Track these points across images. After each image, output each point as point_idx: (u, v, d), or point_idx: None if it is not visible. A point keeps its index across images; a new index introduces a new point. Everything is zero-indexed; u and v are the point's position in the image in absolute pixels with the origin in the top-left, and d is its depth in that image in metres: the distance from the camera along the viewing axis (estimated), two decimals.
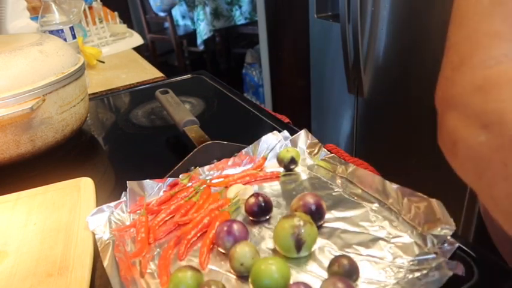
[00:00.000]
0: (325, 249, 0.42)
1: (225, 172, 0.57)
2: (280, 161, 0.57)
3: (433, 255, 0.38)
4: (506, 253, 0.55)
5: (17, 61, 0.61)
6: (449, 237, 0.39)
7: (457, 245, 0.38)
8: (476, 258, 0.38)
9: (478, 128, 0.30)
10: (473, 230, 1.20)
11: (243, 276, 0.39)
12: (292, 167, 0.56)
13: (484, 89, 0.31)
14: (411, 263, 0.39)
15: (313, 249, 0.41)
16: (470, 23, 0.34)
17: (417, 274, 0.37)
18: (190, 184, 0.54)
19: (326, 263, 0.39)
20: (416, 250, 0.40)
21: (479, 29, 0.33)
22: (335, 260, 0.38)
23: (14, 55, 0.61)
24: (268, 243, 0.44)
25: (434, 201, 0.42)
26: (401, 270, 0.38)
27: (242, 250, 0.39)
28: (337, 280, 0.35)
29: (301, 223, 0.40)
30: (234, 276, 0.40)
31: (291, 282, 0.37)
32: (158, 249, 0.44)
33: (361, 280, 0.38)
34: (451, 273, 0.35)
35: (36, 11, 1.22)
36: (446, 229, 0.39)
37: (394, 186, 0.47)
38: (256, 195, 0.47)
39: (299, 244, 0.39)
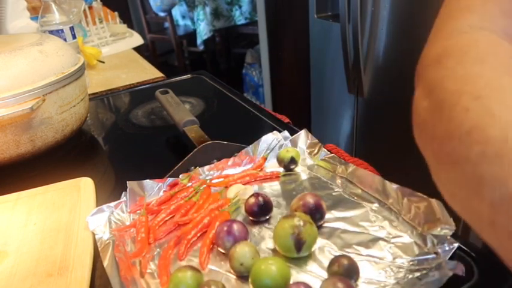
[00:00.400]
0: (325, 249, 0.42)
1: (225, 172, 0.57)
2: (280, 161, 0.57)
3: (433, 255, 0.38)
4: None
5: (17, 61, 0.61)
6: (449, 237, 0.38)
7: (456, 244, 0.38)
8: (476, 258, 0.38)
9: (424, 96, 0.31)
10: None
11: (243, 276, 0.39)
12: (292, 167, 0.56)
13: (439, 59, 0.32)
14: (411, 263, 0.39)
15: (313, 249, 0.41)
16: (450, 3, 0.36)
17: (417, 274, 0.37)
18: (190, 184, 0.54)
19: (326, 263, 0.39)
20: (416, 250, 0.40)
21: (455, 7, 0.34)
22: (335, 260, 0.38)
23: (14, 55, 0.61)
24: (268, 243, 0.44)
25: (434, 201, 0.42)
26: (401, 270, 0.38)
27: (242, 250, 0.39)
28: (337, 280, 0.35)
29: (301, 223, 0.40)
30: (234, 276, 0.40)
31: (291, 282, 0.37)
32: (158, 249, 0.44)
33: (361, 280, 0.38)
34: (451, 273, 0.35)
35: (36, 11, 1.22)
36: (446, 229, 0.39)
37: (394, 186, 0.47)
38: (256, 195, 0.47)
39: (299, 244, 0.39)
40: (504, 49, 0.30)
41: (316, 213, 0.44)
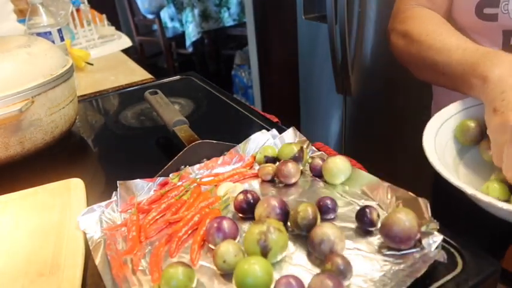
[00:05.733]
0: None
1: (215, 171, 0.58)
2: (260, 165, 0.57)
3: (418, 249, 0.39)
4: None
5: (5, 63, 0.61)
6: (434, 232, 0.40)
7: (441, 237, 0.39)
8: (460, 249, 0.40)
9: (400, 37, 0.70)
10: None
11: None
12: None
13: (404, 20, 0.69)
14: (397, 256, 0.40)
15: (280, 258, 0.40)
16: None
17: (402, 266, 0.38)
18: (180, 183, 0.55)
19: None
20: None
21: None
22: (329, 258, 0.38)
23: (2, 57, 0.61)
24: None
25: (420, 200, 0.43)
26: (388, 263, 0.39)
27: (225, 248, 0.39)
28: (326, 277, 0.35)
29: (271, 229, 0.39)
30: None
31: (282, 275, 0.38)
32: (149, 247, 0.45)
33: None
34: (432, 260, 0.36)
35: (23, 14, 1.22)
36: (431, 225, 0.40)
37: (385, 184, 0.48)
38: (244, 192, 0.48)
39: (265, 251, 0.39)
40: (432, 14, 0.68)
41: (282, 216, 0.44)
